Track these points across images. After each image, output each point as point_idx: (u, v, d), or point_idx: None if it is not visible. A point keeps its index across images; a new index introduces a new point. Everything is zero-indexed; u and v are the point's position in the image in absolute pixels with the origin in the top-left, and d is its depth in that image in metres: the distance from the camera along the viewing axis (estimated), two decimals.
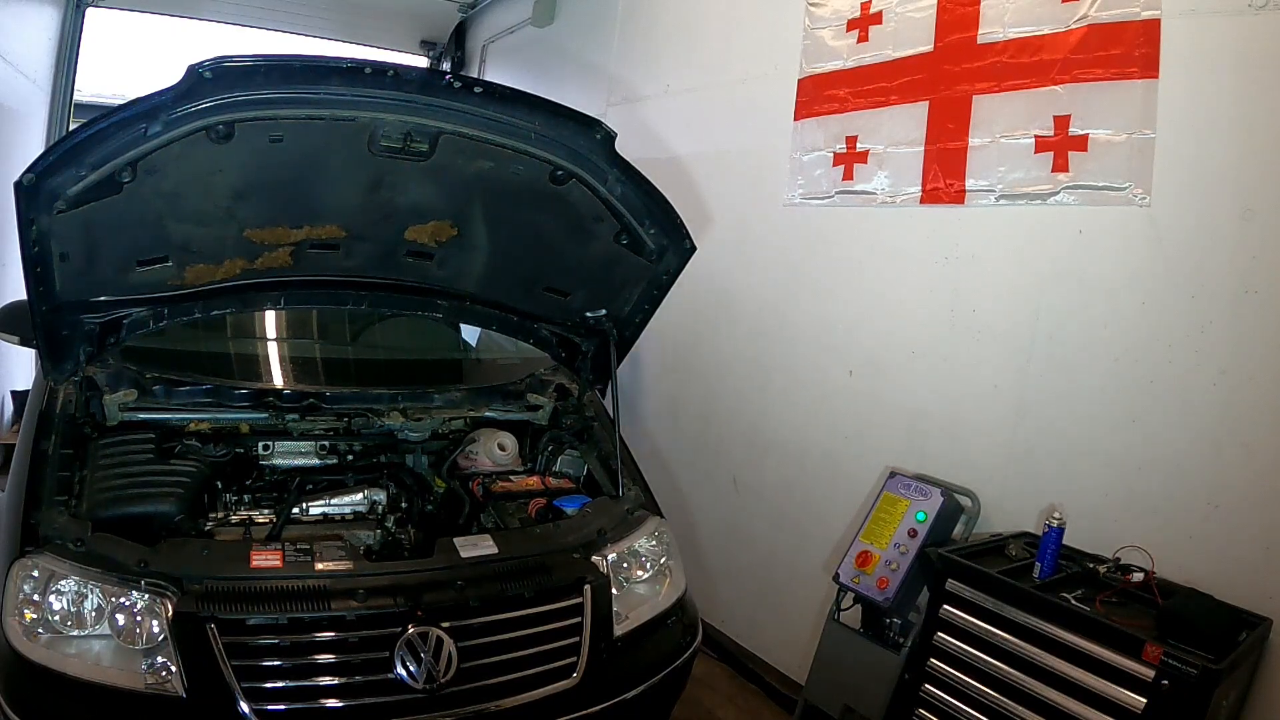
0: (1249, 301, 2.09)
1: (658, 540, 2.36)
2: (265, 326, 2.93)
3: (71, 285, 2.10)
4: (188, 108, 1.81)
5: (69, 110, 5.65)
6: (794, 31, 3.36)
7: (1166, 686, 1.83)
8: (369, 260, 2.51)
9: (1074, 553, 2.30)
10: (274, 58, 1.82)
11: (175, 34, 8.57)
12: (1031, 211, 2.54)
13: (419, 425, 2.63)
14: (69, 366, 2.26)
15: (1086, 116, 2.38)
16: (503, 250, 2.52)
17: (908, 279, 2.94)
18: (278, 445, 2.48)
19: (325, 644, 1.81)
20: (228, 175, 2.05)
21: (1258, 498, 2.06)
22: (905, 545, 2.62)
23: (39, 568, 1.75)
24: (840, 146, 3.13)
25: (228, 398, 2.46)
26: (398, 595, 1.89)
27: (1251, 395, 2.09)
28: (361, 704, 1.78)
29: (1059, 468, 2.49)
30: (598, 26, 4.85)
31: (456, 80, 2.00)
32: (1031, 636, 2.09)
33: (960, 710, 2.23)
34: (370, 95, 1.93)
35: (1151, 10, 2.25)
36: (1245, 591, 2.03)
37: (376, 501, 2.34)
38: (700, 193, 3.84)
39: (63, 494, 1.98)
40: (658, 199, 2.28)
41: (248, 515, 2.21)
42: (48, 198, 1.84)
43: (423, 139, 2.06)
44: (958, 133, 2.72)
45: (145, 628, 1.74)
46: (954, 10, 2.75)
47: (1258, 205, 2.08)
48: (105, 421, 2.30)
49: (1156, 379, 2.27)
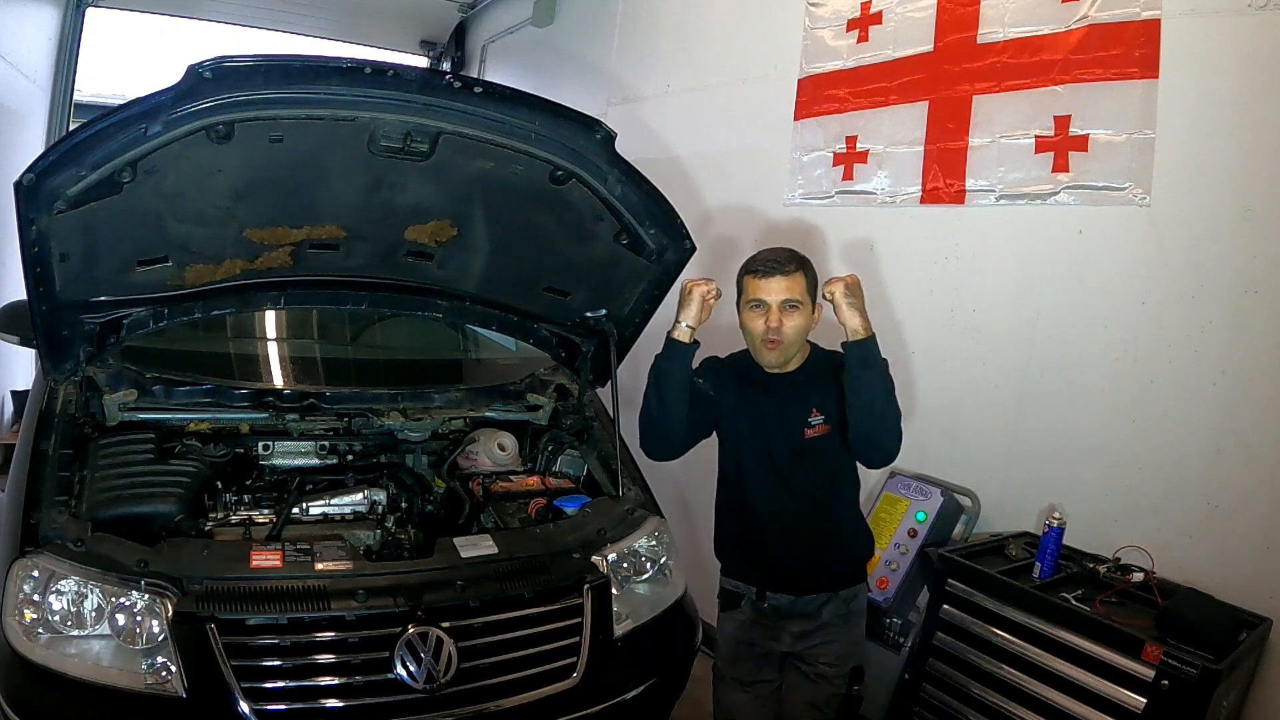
0: (1249, 301, 2.09)
1: (658, 540, 2.36)
2: (265, 326, 2.93)
3: (71, 285, 2.10)
4: (188, 108, 1.80)
5: (69, 110, 5.65)
6: (794, 31, 3.36)
7: (1166, 686, 1.83)
8: (369, 260, 2.51)
9: (1074, 553, 2.30)
10: (274, 58, 1.82)
11: (175, 34, 8.60)
12: (1031, 211, 2.54)
13: (419, 425, 2.63)
14: (69, 366, 2.26)
15: (1086, 116, 2.39)
16: (503, 250, 2.52)
17: (908, 279, 2.94)
18: (278, 445, 2.48)
19: (325, 644, 1.81)
20: (228, 175, 2.05)
21: (1258, 498, 2.06)
22: (905, 545, 2.62)
23: (39, 568, 1.75)
24: (840, 146, 3.13)
25: (228, 398, 2.46)
26: (398, 595, 1.89)
27: (1252, 395, 2.09)
28: (361, 704, 1.78)
29: (1059, 468, 2.49)
30: (598, 26, 4.85)
31: (456, 80, 2.00)
32: (1031, 636, 2.10)
33: (960, 710, 2.23)
34: (370, 95, 1.93)
35: (1151, 10, 2.25)
36: (1245, 591, 2.03)
37: (376, 501, 2.34)
38: (700, 193, 3.85)
39: (63, 494, 1.97)
40: (658, 199, 2.28)
41: (248, 515, 2.20)
42: (48, 198, 1.83)
43: (423, 139, 2.06)
44: (958, 133, 2.72)
45: (145, 628, 1.74)
46: (954, 10, 2.75)
47: (1258, 205, 2.08)
48: (105, 421, 2.30)
49: (1156, 379, 2.27)
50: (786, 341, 2.03)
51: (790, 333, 2.02)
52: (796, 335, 2.04)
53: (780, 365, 2.09)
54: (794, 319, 2.02)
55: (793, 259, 2.03)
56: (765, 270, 2.01)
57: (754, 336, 2.06)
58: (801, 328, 2.04)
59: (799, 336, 2.05)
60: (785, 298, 2.01)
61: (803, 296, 2.02)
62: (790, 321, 2.01)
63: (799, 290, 2.02)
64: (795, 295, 2.01)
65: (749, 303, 2.04)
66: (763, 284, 2.01)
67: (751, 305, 2.04)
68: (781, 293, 2.00)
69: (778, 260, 2.02)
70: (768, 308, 2.01)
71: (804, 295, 2.03)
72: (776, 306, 2.00)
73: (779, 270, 2.00)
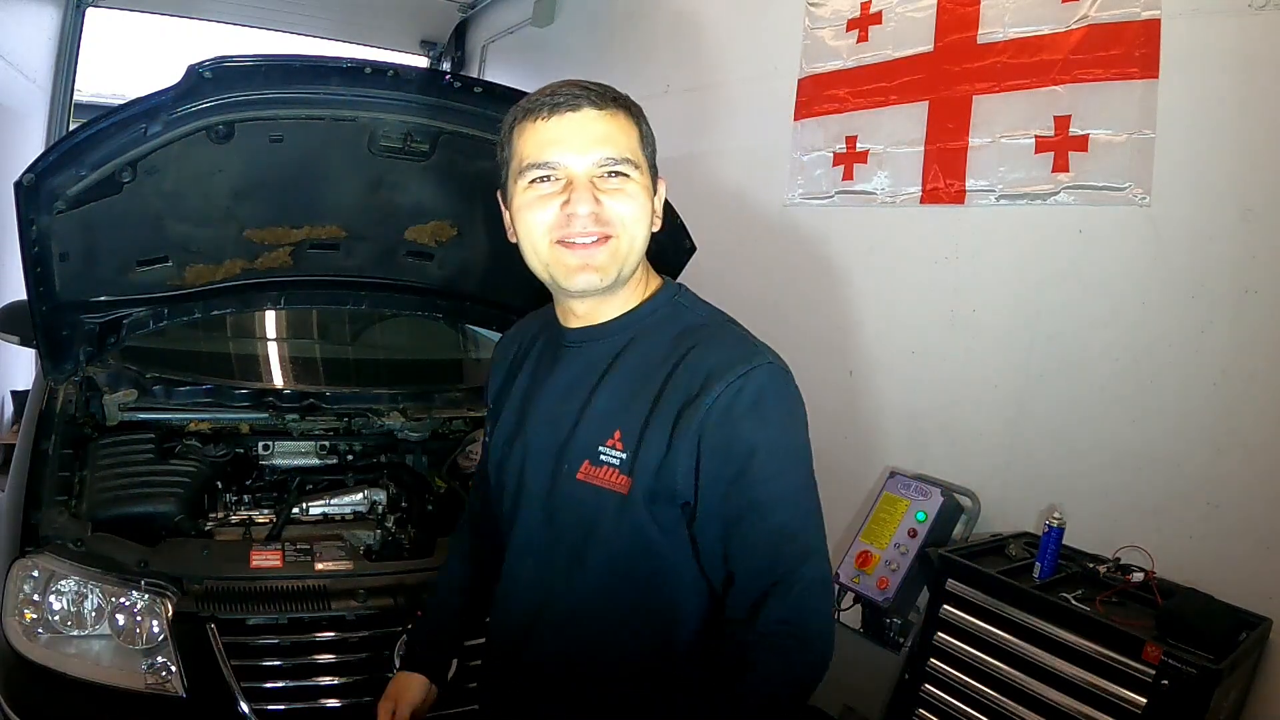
0: (1249, 301, 2.09)
1: None
2: (265, 326, 2.93)
3: (71, 285, 2.10)
4: (188, 108, 1.80)
5: (69, 110, 5.64)
6: (794, 31, 3.36)
7: (1166, 686, 1.83)
8: (369, 260, 2.51)
9: (1074, 553, 2.30)
10: (274, 58, 1.82)
11: (175, 34, 8.60)
12: (1031, 211, 2.54)
13: (419, 425, 2.63)
14: (69, 366, 2.26)
15: (1086, 116, 2.38)
16: (503, 250, 2.51)
17: (908, 279, 2.94)
18: (278, 445, 2.48)
19: (325, 644, 1.81)
20: (228, 175, 2.05)
21: (1258, 498, 2.06)
22: (905, 545, 2.62)
23: (39, 568, 1.75)
24: (840, 146, 3.13)
25: (228, 398, 2.46)
26: (398, 595, 1.89)
27: (1252, 395, 2.09)
28: (362, 704, 1.78)
29: (1059, 468, 2.49)
30: (598, 26, 4.85)
31: (456, 80, 2.00)
32: (1031, 636, 2.09)
33: (960, 710, 2.23)
34: (370, 95, 1.93)
35: (1151, 10, 2.25)
36: (1245, 591, 2.03)
37: (376, 501, 2.34)
38: (700, 193, 3.84)
39: (63, 494, 1.98)
40: None
41: (248, 515, 2.21)
42: (48, 198, 1.83)
43: (423, 139, 2.06)
44: (958, 133, 2.72)
45: (145, 628, 1.74)
46: (954, 10, 2.75)
47: (1258, 205, 2.08)
48: (105, 421, 2.30)
49: (1156, 379, 2.26)
50: (615, 239, 1.07)
51: (617, 219, 1.07)
52: (629, 227, 1.08)
53: (588, 315, 1.15)
54: (622, 196, 1.07)
55: (610, 91, 1.11)
56: (556, 103, 1.06)
57: (539, 239, 1.09)
58: (635, 216, 1.08)
59: (634, 230, 1.09)
60: (602, 153, 1.06)
61: (635, 155, 1.09)
62: (616, 202, 1.07)
63: (625, 143, 1.08)
64: (618, 149, 1.07)
65: (525, 172, 1.08)
66: (553, 127, 1.06)
67: (533, 178, 1.08)
68: (592, 143, 1.06)
69: (579, 89, 1.08)
70: (566, 176, 1.06)
71: (637, 154, 1.10)
72: (585, 172, 1.06)
73: (585, 101, 1.07)
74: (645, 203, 1.09)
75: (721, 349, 1.07)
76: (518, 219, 1.10)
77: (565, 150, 1.05)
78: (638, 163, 1.09)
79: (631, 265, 1.10)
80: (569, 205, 1.05)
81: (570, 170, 1.06)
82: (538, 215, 1.07)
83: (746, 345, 1.08)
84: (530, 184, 1.08)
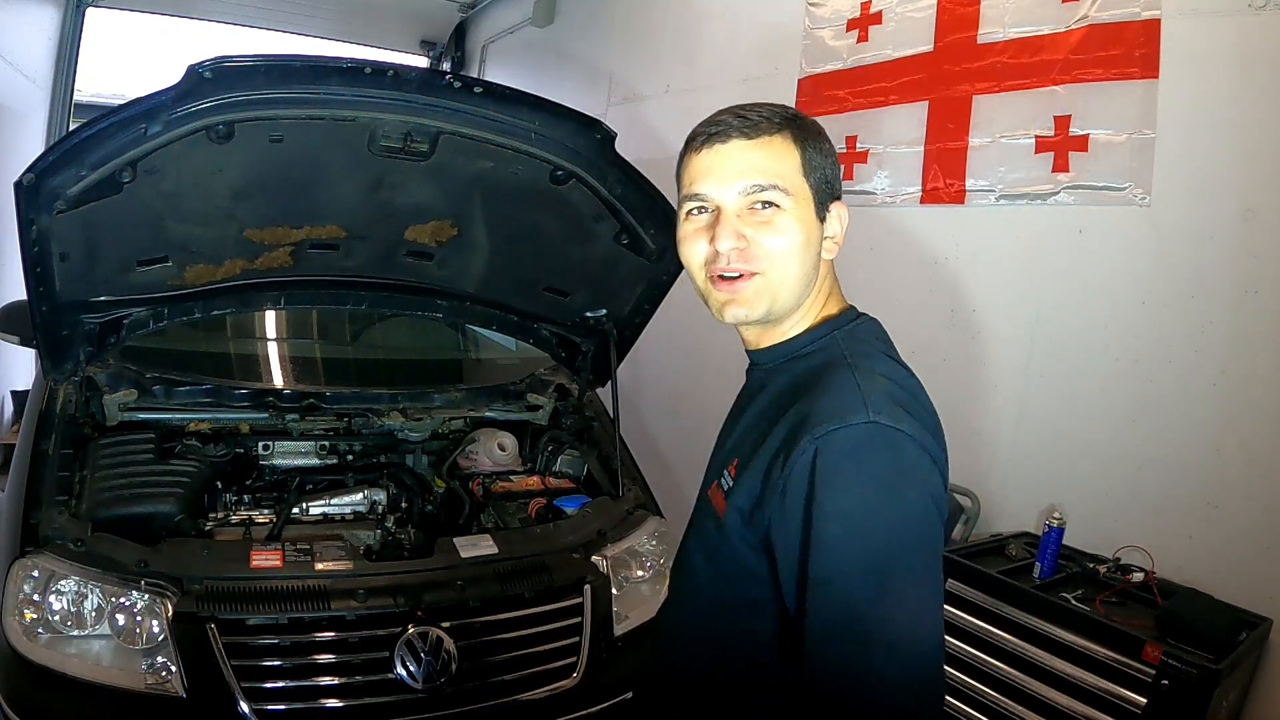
0: (1249, 301, 2.09)
1: (658, 540, 2.36)
2: (265, 326, 2.94)
3: (71, 285, 2.10)
4: (188, 108, 1.80)
5: (69, 110, 5.65)
6: (794, 31, 3.36)
7: (1166, 686, 1.83)
8: (369, 260, 2.51)
9: (1074, 553, 2.30)
10: (274, 58, 1.82)
11: (175, 34, 8.60)
12: (1031, 211, 2.54)
13: (419, 425, 2.63)
14: (69, 366, 2.26)
15: (1086, 116, 2.38)
16: (503, 250, 2.52)
17: (908, 279, 2.94)
18: (278, 445, 2.48)
19: (325, 644, 1.81)
20: (228, 175, 2.05)
21: (1258, 498, 2.06)
22: None
23: (39, 568, 1.75)
24: (840, 146, 3.14)
25: (228, 398, 2.46)
26: (398, 595, 1.89)
27: (1251, 395, 2.09)
28: (361, 704, 1.78)
29: (1059, 468, 2.49)
30: (598, 26, 4.85)
31: (456, 80, 2.00)
32: (1031, 636, 2.09)
33: (960, 710, 2.23)
34: (370, 95, 1.93)
35: (1151, 10, 2.25)
36: (1245, 591, 2.03)
37: (376, 501, 2.34)
38: None
39: (63, 494, 1.98)
40: (658, 199, 2.28)
41: (248, 515, 2.21)
42: (48, 198, 1.83)
43: (423, 139, 2.06)
44: (958, 133, 2.72)
45: (145, 628, 1.74)
46: (954, 10, 2.75)
47: (1258, 205, 2.08)
48: (105, 421, 2.30)
49: (1156, 379, 2.26)
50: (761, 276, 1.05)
51: (764, 255, 1.04)
52: (777, 263, 1.04)
53: (755, 340, 1.14)
54: (770, 230, 1.04)
55: (772, 115, 1.07)
56: (710, 134, 1.06)
57: (696, 272, 1.10)
58: (785, 250, 1.04)
59: (784, 267, 1.04)
60: (747, 182, 1.03)
61: (788, 183, 1.04)
62: (764, 236, 1.03)
63: (775, 171, 1.04)
64: (766, 177, 1.03)
65: (684, 203, 1.11)
66: (705, 159, 1.06)
67: (689, 209, 1.09)
68: (736, 175, 1.04)
69: (734, 118, 1.06)
70: (716, 207, 1.06)
71: (792, 181, 1.05)
72: (732, 205, 1.04)
73: (735, 132, 1.04)
74: (800, 234, 1.05)
75: (823, 398, 0.98)
76: (679, 249, 1.12)
77: (713, 183, 1.06)
78: (790, 190, 1.04)
79: (785, 300, 1.07)
80: (715, 241, 1.05)
81: (719, 201, 1.06)
82: (692, 249, 1.09)
83: (851, 396, 0.96)
84: (688, 215, 1.10)
